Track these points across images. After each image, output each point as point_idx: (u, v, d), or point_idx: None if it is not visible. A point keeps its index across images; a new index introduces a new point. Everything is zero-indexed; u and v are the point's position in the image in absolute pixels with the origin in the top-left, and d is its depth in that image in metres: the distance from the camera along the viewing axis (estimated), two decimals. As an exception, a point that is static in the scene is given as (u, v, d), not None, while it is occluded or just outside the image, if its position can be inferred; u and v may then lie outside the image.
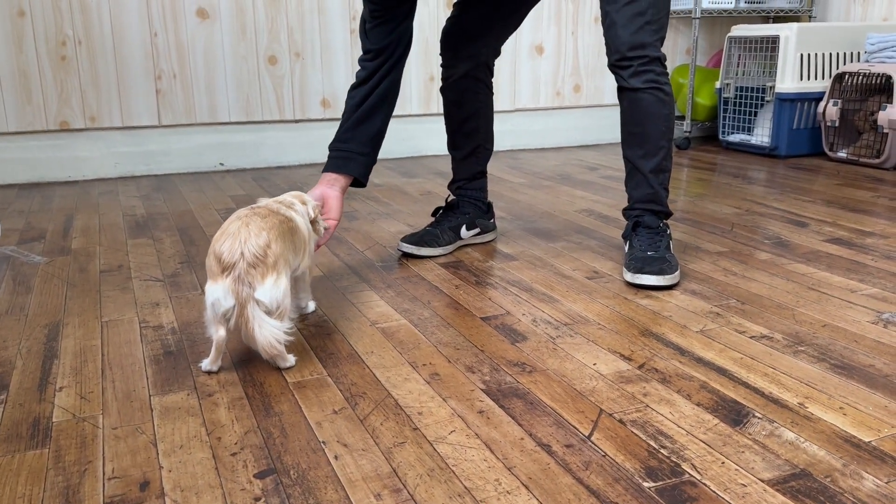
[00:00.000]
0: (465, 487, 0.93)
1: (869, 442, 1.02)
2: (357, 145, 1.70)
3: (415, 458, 0.99)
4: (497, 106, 3.55)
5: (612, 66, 1.70)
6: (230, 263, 1.18)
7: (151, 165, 3.04)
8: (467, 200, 2.00)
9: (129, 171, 3.02)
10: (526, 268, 1.80)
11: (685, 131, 3.61)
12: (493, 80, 1.99)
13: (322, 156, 3.27)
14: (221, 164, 3.13)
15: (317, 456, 1.00)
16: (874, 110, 3.05)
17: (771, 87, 3.27)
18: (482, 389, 1.19)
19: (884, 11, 3.53)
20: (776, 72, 3.25)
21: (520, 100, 3.59)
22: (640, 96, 1.68)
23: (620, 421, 1.08)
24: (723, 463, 0.97)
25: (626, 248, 1.78)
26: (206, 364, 1.25)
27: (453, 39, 1.92)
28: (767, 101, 3.32)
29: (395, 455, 1.00)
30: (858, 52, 3.30)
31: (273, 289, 1.19)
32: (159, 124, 3.01)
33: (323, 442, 1.04)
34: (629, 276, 1.66)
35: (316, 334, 1.41)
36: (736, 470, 0.95)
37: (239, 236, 1.20)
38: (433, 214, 2.04)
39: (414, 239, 1.90)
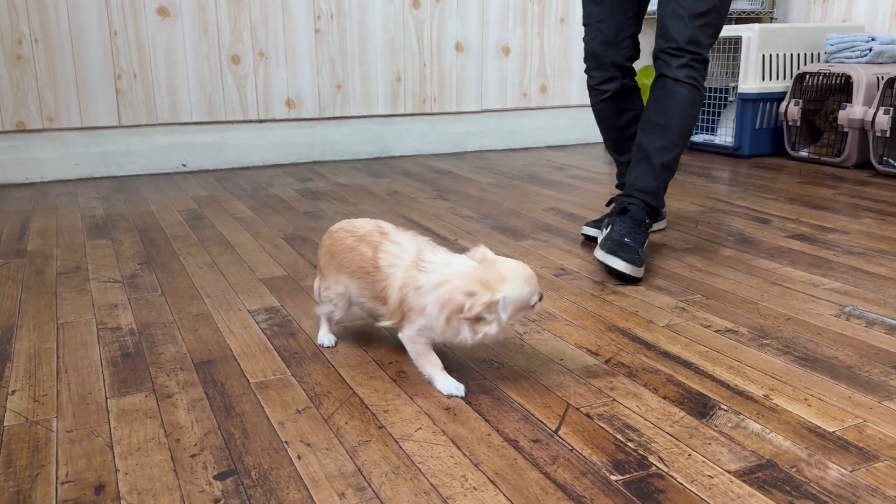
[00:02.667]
0: (432, 484, 0.91)
1: (833, 432, 1.03)
2: None
3: (380, 456, 0.98)
4: (464, 106, 3.54)
5: (662, 52, 1.73)
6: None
7: (112, 167, 2.97)
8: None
9: (89, 172, 2.95)
10: (493, 266, 1.79)
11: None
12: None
13: (287, 156, 3.23)
14: (184, 165, 3.08)
15: (279, 456, 0.98)
16: (834, 110, 3.10)
17: (734, 88, 3.31)
18: (449, 386, 1.17)
19: (843, 13, 3.60)
20: (739, 72, 3.29)
21: (487, 101, 3.59)
22: (679, 88, 1.72)
23: (587, 415, 1.08)
24: (689, 455, 0.97)
25: (605, 228, 1.79)
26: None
27: (597, 53, 1.89)
28: (730, 102, 3.36)
29: (360, 453, 0.98)
30: (819, 53, 3.36)
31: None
32: (119, 125, 2.95)
33: (286, 442, 1.01)
34: (601, 255, 1.67)
35: (278, 334, 1.38)
36: (703, 462, 0.95)
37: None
38: (608, 204, 1.99)
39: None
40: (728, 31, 3.33)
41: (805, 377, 1.19)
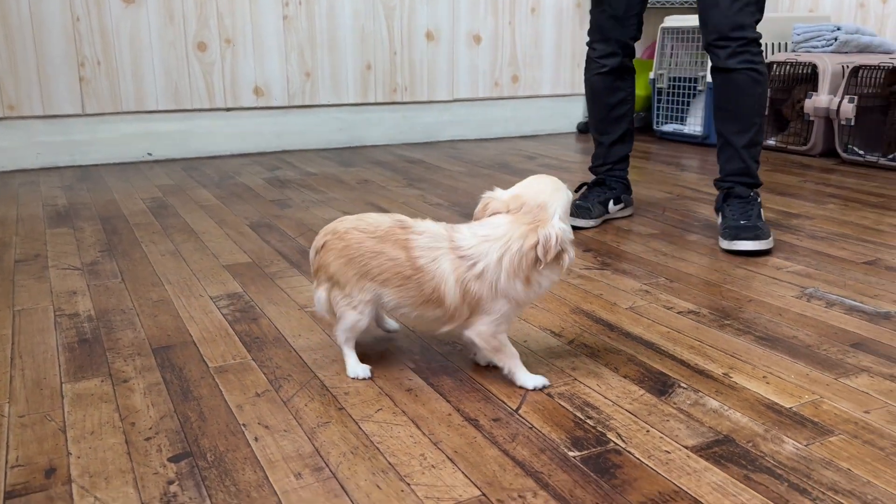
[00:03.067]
0: (390, 463, 0.91)
1: (790, 408, 1.03)
2: None
3: (339, 437, 0.97)
4: (436, 96, 3.53)
5: (710, 45, 1.77)
6: None
7: (76, 155, 2.92)
8: (614, 178, 2.05)
9: (52, 161, 2.89)
10: (460, 251, 1.78)
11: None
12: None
13: (255, 145, 3.20)
14: (149, 154, 3.03)
15: (236, 438, 0.96)
16: (801, 99, 3.13)
17: (703, 78, 3.33)
18: (412, 368, 1.17)
19: (810, 3, 3.64)
20: (707, 62, 3.31)
21: (458, 90, 3.58)
22: (734, 77, 1.77)
23: (548, 394, 1.08)
24: (647, 431, 0.97)
25: (720, 218, 1.86)
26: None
27: (604, 26, 1.92)
28: (700, 91, 3.39)
29: (319, 435, 0.97)
30: (786, 43, 3.39)
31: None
32: (83, 113, 2.90)
33: (243, 424, 1.00)
34: (725, 244, 1.75)
35: (240, 319, 1.37)
36: (660, 437, 0.96)
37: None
38: (576, 190, 2.06)
39: (571, 210, 1.88)
40: (696, 20, 3.35)
41: (764, 356, 1.20)
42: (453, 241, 1.06)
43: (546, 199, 1.04)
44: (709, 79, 3.27)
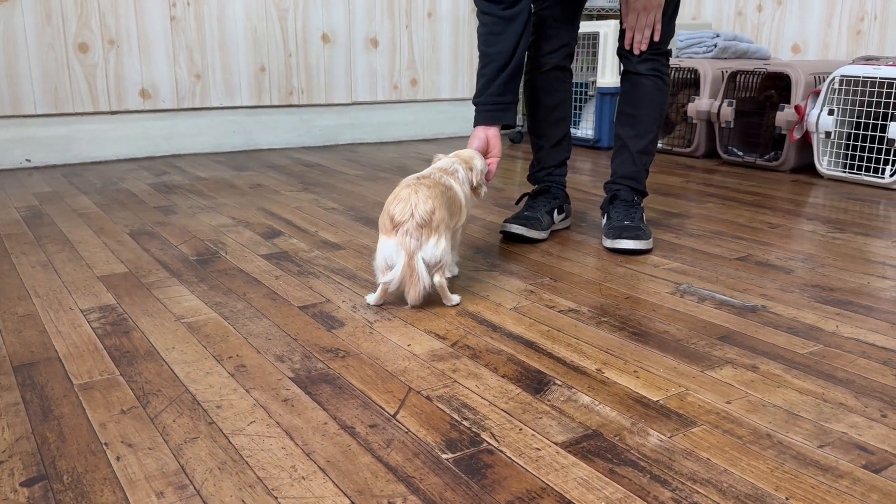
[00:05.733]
0: (258, 477, 0.88)
1: (657, 401, 1.07)
2: (511, 95, 1.72)
3: (206, 452, 0.94)
4: (334, 99, 3.50)
5: (625, 51, 1.83)
6: (401, 221, 1.36)
7: (-56, 163, 2.73)
8: (557, 186, 2.01)
9: (-84, 169, 2.70)
10: (352, 256, 1.77)
11: (518, 125, 3.72)
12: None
13: (142, 149, 3.07)
14: (28, 161, 2.87)
15: (96, 458, 0.92)
16: (684, 103, 3.27)
17: (593, 83, 3.43)
18: (290, 378, 1.14)
19: (693, 10, 3.81)
20: (598, 68, 3.41)
21: (357, 93, 3.55)
22: (643, 81, 1.84)
23: (427, 397, 1.08)
24: (520, 430, 0.99)
25: (605, 219, 1.90)
26: (371, 299, 1.45)
27: (547, 25, 1.89)
28: (591, 96, 3.49)
29: (185, 451, 0.94)
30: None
31: (434, 248, 1.37)
32: (-49, 117, 2.71)
33: (105, 443, 0.95)
34: (608, 243, 1.80)
35: (111, 333, 1.31)
36: (532, 435, 0.97)
37: (409, 201, 1.37)
38: (517, 203, 2.04)
39: (521, 221, 1.89)
40: (587, 27, 3.45)
41: (636, 351, 1.24)
42: (444, 168, 1.55)
43: (472, 154, 1.63)
44: (599, 83, 3.38)
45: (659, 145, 3.37)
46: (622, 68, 1.89)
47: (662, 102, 1.88)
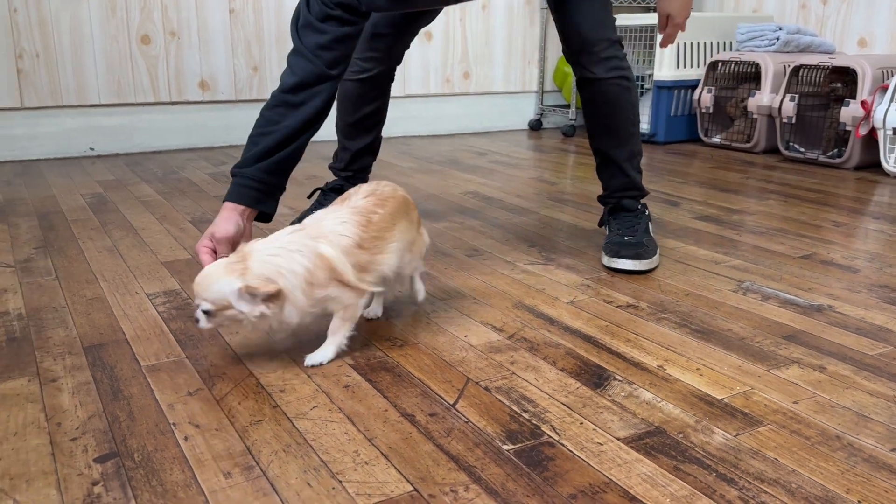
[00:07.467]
0: (322, 461, 0.90)
1: (721, 399, 1.05)
2: (285, 180, 1.41)
3: (271, 435, 0.95)
4: (386, 91, 3.51)
5: (574, 54, 1.62)
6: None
7: (15, 150, 2.83)
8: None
9: (-12, 156, 2.80)
10: (406, 247, 1.78)
11: (570, 119, 3.69)
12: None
13: (202, 139, 3.14)
14: (92, 149, 2.95)
15: (165, 438, 0.94)
16: (745, 97, 3.20)
17: (650, 76, 3.38)
18: (350, 365, 1.16)
19: (754, 3, 3.72)
20: (654, 61, 3.36)
21: (410, 86, 3.56)
22: (605, 88, 1.62)
23: (486, 388, 1.08)
24: (581, 423, 0.98)
25: (607, 232, 1.74)
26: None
27: (378, 28, 1.80)
28: (647, 90, 3.44)
29: (251, 433, 0.96)
30: (731, 42, 3.46)
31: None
32: (22, 106, 2.81)
33: (173, 424, 0.98)
34: (605, 260, 1.63)
35: (176, 317, 1.34)
36: (593, 430, 0.96)
37: None
38: (309, 196, 1.99)
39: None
40: (644, 19, 3.40)
41: (699, 348, 1.22)
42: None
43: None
44: (656, 77, 3.32)
45: (717, 140, 3.30)
46: (577, 75, 1.65)
47: (633, 101, 1.68)
